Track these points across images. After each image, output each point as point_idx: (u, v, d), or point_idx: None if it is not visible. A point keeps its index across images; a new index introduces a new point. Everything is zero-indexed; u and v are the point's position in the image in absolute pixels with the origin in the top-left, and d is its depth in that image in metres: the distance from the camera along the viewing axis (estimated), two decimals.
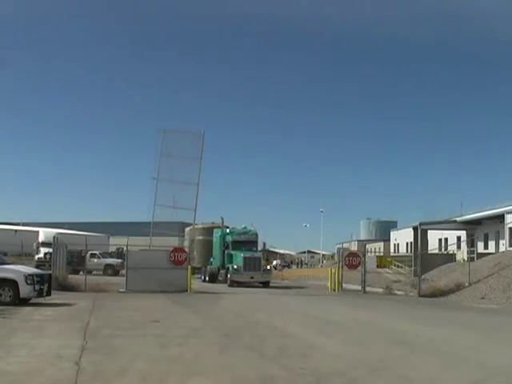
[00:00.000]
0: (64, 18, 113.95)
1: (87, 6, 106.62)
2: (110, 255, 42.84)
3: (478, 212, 41.06)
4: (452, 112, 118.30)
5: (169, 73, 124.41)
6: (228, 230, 32.69)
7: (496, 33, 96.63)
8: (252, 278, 29.98)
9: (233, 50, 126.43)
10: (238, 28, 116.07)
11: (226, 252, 31.79)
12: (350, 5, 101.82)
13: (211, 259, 34.29)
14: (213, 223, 36.04)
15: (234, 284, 29.41)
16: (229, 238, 32.02)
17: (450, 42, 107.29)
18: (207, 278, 33.44)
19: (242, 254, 30.24)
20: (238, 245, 31.39)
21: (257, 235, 32.79)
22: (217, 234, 33.77)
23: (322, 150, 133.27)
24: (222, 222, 33.30)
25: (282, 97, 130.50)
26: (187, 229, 36.91)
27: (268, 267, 31.81)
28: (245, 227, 33.17)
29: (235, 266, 29.96)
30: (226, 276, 30.54)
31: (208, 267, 34.08)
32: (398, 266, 42.00)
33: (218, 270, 32.59)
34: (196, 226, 36.36)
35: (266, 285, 30.35)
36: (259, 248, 32.88)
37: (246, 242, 31.79)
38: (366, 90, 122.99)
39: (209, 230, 35.76)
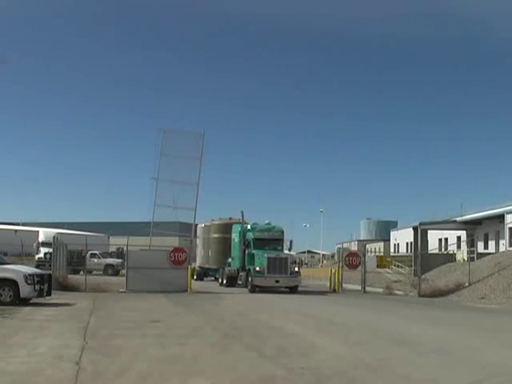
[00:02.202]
0: (63, 18, 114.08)
1: (86, 6, 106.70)
2: (110, 255, 42.88)
3: (478, 212, 41.04)
4: (452, 112, 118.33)
5: (169, 73, 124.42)
6: (249, 226, 28.78)
7: (496, 33, 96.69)
8: (277, 281, 25.95)
9: (233, 51, 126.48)
10: (238, 28, 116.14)
11: (246, 251, 27.87)
12: (351, 4, 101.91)
13: (229, 260, 30.45)
14: (230, 219, 32.74)
15: (256, 289, 25.81)
16: (250, 235, 28.01)
17: (449, 41, 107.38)
18: (225, 281, 29.64)
19: (265, 254, 26.30)
20: (261, 243, 27.49)
21: (282, 232, 28.94)
22: (236, 230, 29.70)
23: (322, 150, 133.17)
24: (242, 217, 29.97)
25: (282, 97, 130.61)
26: (200, 226, 35.40)
27: (296, 269, 27.43)
28: (268, 223, 29.16)
29: (257, 268, 26.04)
30: (247, 279, 26.72)
31: (226, 269, 30.03)
32: (398, 266, 41.96)
33: (238, 273, 28.68)
34: (212, 223, 34.25)
35: (293, 290, 26.37)
36: (285, 247, 28.94)
37: (270, 239, 27.89)
38: (366, 91, 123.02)
39: (226, 227, 32.16)
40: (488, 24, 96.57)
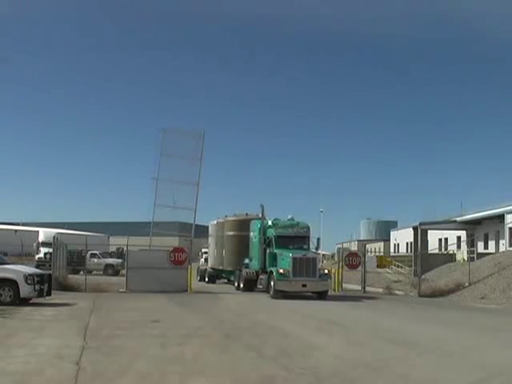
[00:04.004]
0: (64, 19, 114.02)
1: (86, 6, 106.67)
2: (110, 255, 42.85)
3: (478, 212, 41.03)
4: (452, 112, 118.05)
5: (169, 73, 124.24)
6: (270, 222, 25.55)
7: (495, 33, 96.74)
8: (304, 286, 22.81)
9: (233, 51, 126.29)
10: (238, 28, 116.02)
11: (267, 251, 24.53)
12: (351, 4, 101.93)
13: (246, 260, 26.91)
14: (247, 214, 29.99)
15: (279, 294, 22.45)
16: (271, 233, 24.70)
17: (448, 42, 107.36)
18: (242, 285, 26.12)
19: (290, 254, 23.10)
20: (285, 241, 24.22)
21: (308, 228, 25.54)
22: (255, 227, 26.17)
23: (322, 150, 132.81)
24: (262, 212, 26.43)
25: (281, 97, 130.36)
26: (212, 223, 34.42)
27: (326, 271, 24.62)
28: (291, 218, 25.92)
29: (281, 270, 22.72)
30: (268, 283, 23.27)
31: (243, 271, 26.30)
32: (398, 266, 42.00)
33: (257, 275, 25.01)
34: (226, 219, 31.88)
35: (322, 296, 23.07)
36: (311, 246, 25.55)
37: (295, 237, 24.59)
38: (366, 90, 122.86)
39: (242, 224, 28.89)
40: (487, 24, 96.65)
